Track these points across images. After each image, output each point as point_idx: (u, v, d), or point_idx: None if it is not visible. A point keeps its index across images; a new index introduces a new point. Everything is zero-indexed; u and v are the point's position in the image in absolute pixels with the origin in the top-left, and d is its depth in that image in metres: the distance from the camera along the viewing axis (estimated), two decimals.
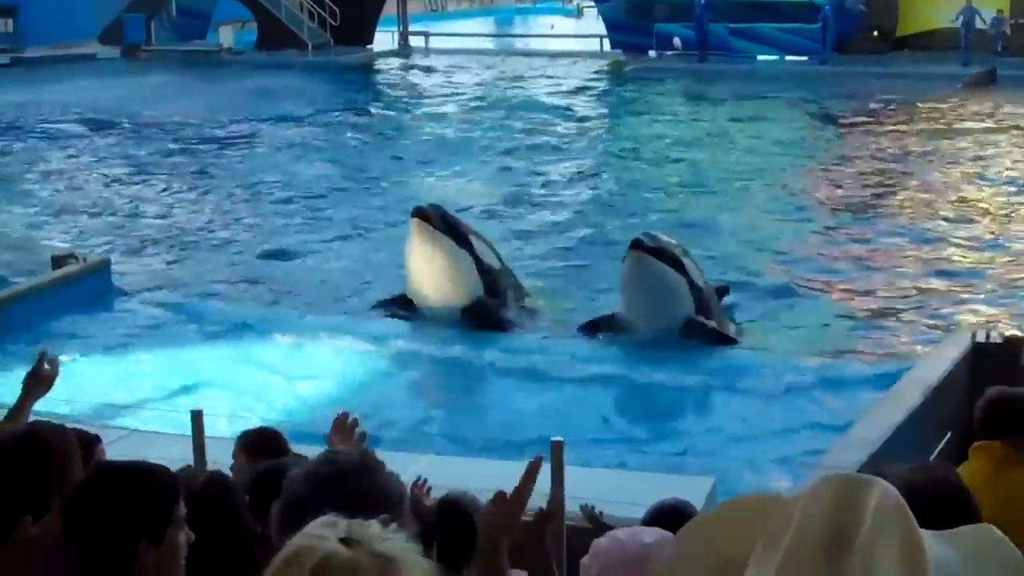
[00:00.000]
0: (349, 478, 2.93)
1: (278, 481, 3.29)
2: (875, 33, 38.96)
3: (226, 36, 45.52)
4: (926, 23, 38.85)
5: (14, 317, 13.80)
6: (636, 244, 13.33)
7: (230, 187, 23.63)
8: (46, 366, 5.27)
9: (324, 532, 2.09)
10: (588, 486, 7.49)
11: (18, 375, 12.00)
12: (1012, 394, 5.90)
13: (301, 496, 2.90)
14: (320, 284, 15.84)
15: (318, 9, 44.32)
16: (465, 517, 4.95)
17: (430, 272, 14.42)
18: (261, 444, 6.20)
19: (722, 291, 14.96)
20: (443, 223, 14.43)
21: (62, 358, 11.22)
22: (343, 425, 4.71)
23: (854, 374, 12.57)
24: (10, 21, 44.04)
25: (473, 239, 14.64)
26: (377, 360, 13.49)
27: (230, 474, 5.46)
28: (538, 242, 18.61)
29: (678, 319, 13.44)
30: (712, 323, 13.65)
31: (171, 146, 28.24)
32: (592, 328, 14.09)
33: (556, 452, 6.51)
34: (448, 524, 4.93)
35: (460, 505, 5.12)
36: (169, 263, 17.93)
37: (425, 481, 5.95)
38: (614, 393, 12.56)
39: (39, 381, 5.27)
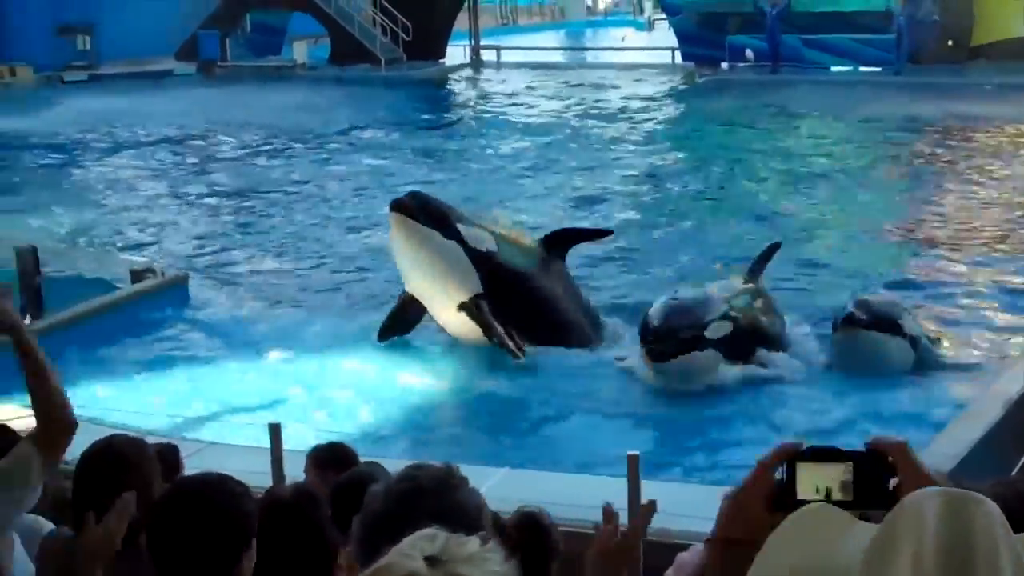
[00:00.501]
0: (429, 495, 2.94)
1: (359, 490, 3.31)
2: (950, 43, 38.49)
3: (300, 51, 45.88)
4: (1002, 32, 38.35)
5: (92, 331, 13.97)
6: (651, 354, 12.32)
7: (305, 202, 23.79)
8: None
9: (414, 551, 2.09)
10: (663, 500, 7.43)
11: (96, 389, 12.18)
12: None
13: (380, 513, 2.91)
14: (393, 300, 15.83)
15: (391, 24, 44.52)
16: (544, 532, 4.93)
17: (419, 269, 13.46)
18: (332, 459, 6.23)
19: (773, 249, 14.42)
20: (424, 213, 13.28)
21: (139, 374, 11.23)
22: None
23: (933, 389, 12.40)
24: (88, 38, 44.57)
25: (462, 227, 13.46)
26: (452, 372, 13.47)
27: None
28: (608, 257, 18.46)
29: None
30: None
31: (247, 161, 28.51)
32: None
33: (632, 466, 6.49)
34: (530, 540, 4.91)
35: (540, 520, 5.09)
36: (246, 277, 18.03)
37: None
38: (681, 409, 12.36)
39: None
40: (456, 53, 46.55)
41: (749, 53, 39.67)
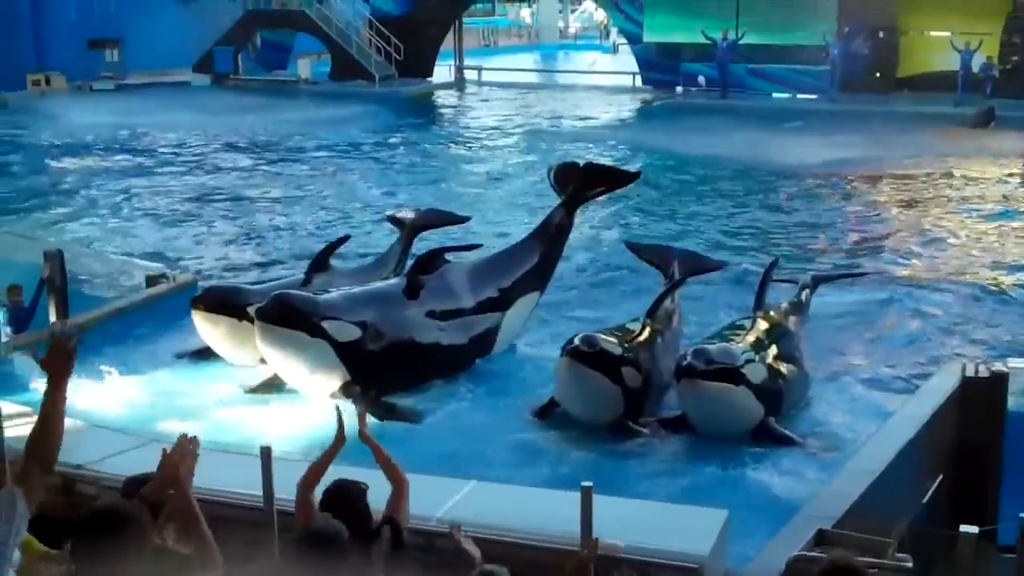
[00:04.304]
0: None
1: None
2: (877, 75, 38.50)
3: (304, 67, 45.58)
4: (923, 66, 38.42)
5: (109, 333, 13.71)
6: (572, 352, 11.05)
7: (305, 206, 23.58)
8: (64, 341, 4.56)
9: None
10: (603, 515, 7.25)
11: (111, 388, 11.81)
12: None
13: None
14: None
15: (385, 45, 44.34)
16: None
17: (287, 368, 11.94)
18: (340, 500, 5.86)
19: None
20: (289, 316, 11.63)
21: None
22: None
23: (852, 406, 12.16)
24: (116, 51, 44.38)
25: (327, 324, 11.73)
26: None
27: None
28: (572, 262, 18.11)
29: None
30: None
31: (254, 167, 28.23)
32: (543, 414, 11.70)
33: (586, 497, 6.33)
34: None
35: None
36: (254, 282, 17.69)
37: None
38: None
39: (60, 359, 4.55)
40: (442, 72, 46.28)
41: (701, 79, 39.67)
